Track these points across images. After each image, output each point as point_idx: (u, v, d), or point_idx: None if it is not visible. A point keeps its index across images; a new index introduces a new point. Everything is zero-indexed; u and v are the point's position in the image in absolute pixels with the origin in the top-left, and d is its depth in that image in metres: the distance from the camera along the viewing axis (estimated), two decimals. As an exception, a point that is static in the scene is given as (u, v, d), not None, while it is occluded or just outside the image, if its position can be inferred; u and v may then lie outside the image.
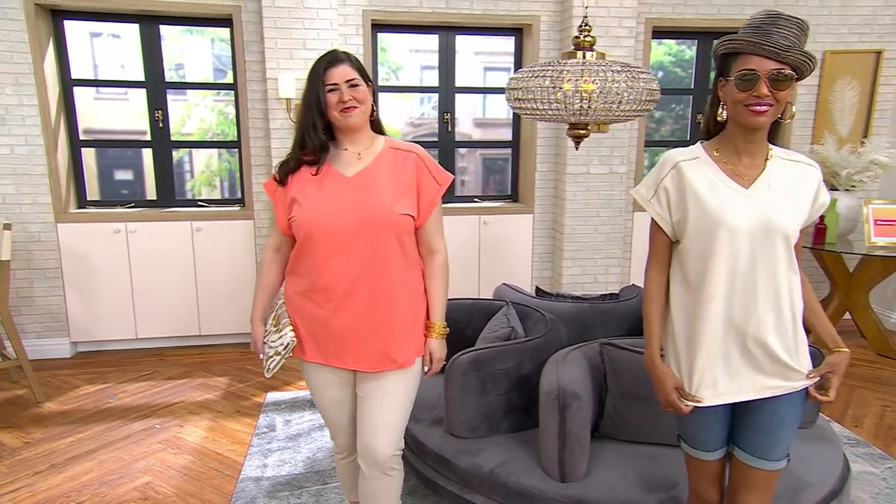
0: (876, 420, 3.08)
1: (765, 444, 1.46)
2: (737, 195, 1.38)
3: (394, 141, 1.72)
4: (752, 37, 1.31)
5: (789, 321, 1.41)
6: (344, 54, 1.62)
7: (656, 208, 1.48)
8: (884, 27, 4.20)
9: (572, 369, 2.03)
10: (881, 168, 3.84)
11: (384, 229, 1.60)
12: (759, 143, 1.39)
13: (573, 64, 2.36)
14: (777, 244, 1.37)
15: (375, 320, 1.64)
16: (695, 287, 1.43)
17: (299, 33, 3.51)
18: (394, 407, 1.73)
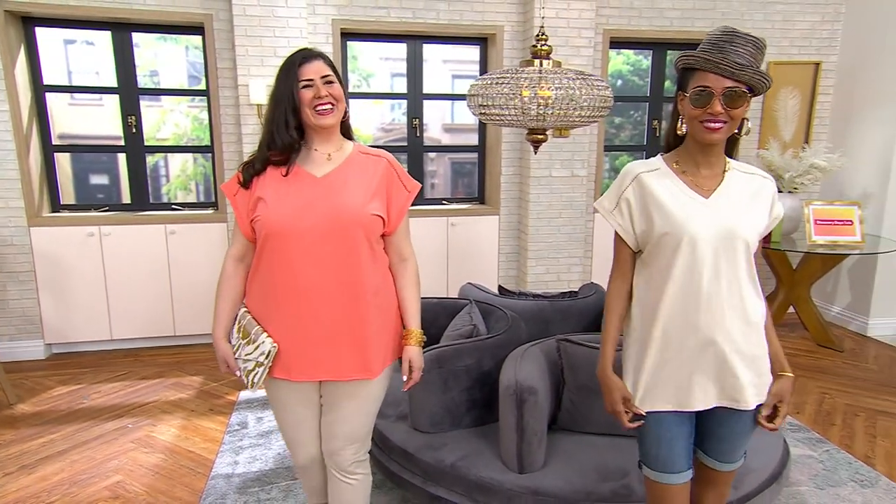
0: (816, 406, 3.33)
1: (727, 450, 1.51)
2: (697, 204, 1.40)
3: (363, 146, 1.69)
4: (708, 54, 1.31)
5: (753, 329, 1.43)
6: (317, 51, 1.58)
7: (618, 220, 1.50)
8: (821, 41, 4.49)
9: (530, 365, 2.17)
10: (820, 171, 4.11)
11: (355, 229, 1.55)
12: (716, 156, 1.42)
13: (531, 71, 2.50)
14: (739, 252, 1.39)
15: (350, 325, 1.58)
16: (658, 295, 1.43)
17: (270, 41, 3.60)
18: (362, 418, 1.71)
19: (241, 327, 1.65)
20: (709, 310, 1.39)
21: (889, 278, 4.34)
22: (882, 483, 2.57)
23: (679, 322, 1.42)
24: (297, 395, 1.67)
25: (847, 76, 4.50)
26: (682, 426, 1.49)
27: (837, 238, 4.04)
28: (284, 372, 1.61)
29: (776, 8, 4.39)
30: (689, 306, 1.41)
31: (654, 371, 1.47)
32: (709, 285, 1.39)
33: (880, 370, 3.81)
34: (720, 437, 1.51)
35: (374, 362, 1.63)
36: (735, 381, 1.43)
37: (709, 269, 1.39)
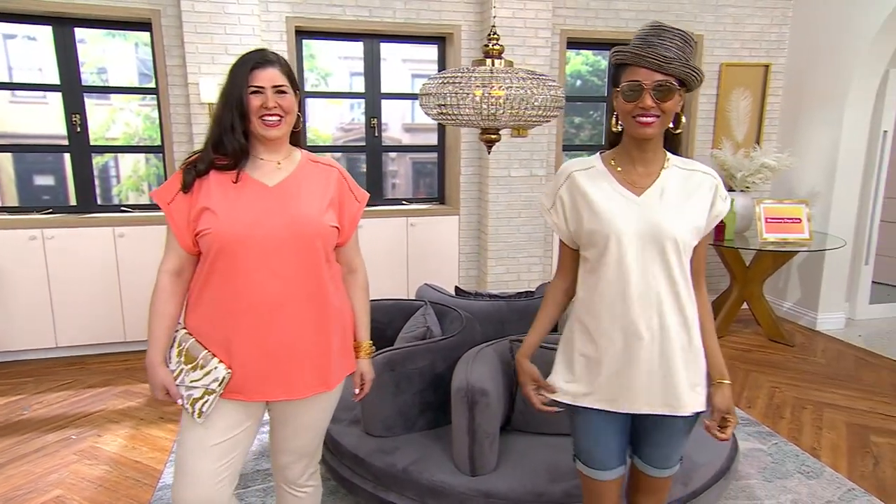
0: (766, 400, 3.40)
1: (662, 456, 1.50)
2: (627, 202, 1.39)
3: (311, 154, 1.61)
4: (637, 49, 1.31)
5: (686, 330, 1.40)
6: (274, 56, 1.47)
7: (554, 218, 1.50)
8: (770, 43, 4.61)
9: (482, 367, 2.16)
10: (770, 171, 4.22)
11: (313, 240, 1.48)
12: (652, 151, 1.40)
13: (482, 71, 2.49)
14: (667, 251, 1.36)
15: (315, 340, 1.52)
16: (590, 293, 1.44)
17: (221, 38, 3.51)
18: (314, 432, 1.65)
19: (182, 351, 1.50)
20: (636, 309, 1.38)
21: (835, 274, 4.49)
22: (826, 474, 2.65)
23: (608, 321, 1.41)
24: (239, 415, 1.52)
25: (795, 78, 4.64)
26: (613, 424, 1.48)
27: (787, 235, 4.15)
28: (239, 393, 1.49)
29: (727, 11, 4.49)
30: (617, 306, 1.40)
31: (584, 369, 1.47)
32: (637, 284, 1.38)
33: (828, 363, 3.93)
34: (654, 441, 1.49)
35: (333, 375, 1.58)
36: (666, 385, 1.40)
37: (636, 267, 1.38)
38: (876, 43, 3.99)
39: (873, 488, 2.55)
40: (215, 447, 1.49)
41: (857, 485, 2.56)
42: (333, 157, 4.64)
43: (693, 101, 4.60)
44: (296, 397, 1.53)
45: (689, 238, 1.39)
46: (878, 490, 2.53)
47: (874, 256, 4.70)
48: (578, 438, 1.54)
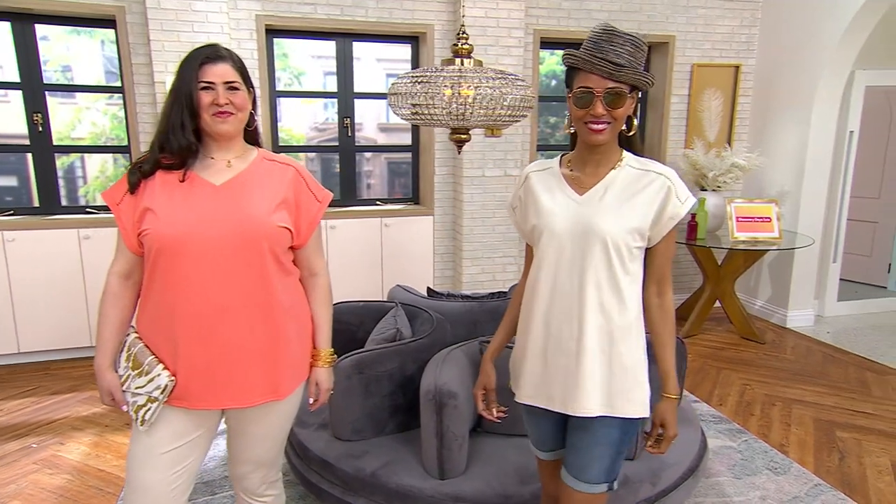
0: (737, 398, 3.44)
1: (578, 463, 1.43)
2: (569, 201, 1.40)
3: (269, 153, 1.56)
4: (588, 54, 1.30)
5: (610, 334, 1.37)
6: (226, 51, 1.43)
7: (516, 217, 1.56)
8: (740, 44, 4.68)
9: (451, 369, 2.14)
10: (740, 170, 4.28)
11: (259, 241, 1.42)
12: (603, 153, 1.40)
13: (451, 70, 2.47)
14: (597, 251, 1.35)
15: (262, 346, 1.46)
16: (529, 291, 1.48)
17: (188, 36, 3.44)
18: (271, 442, 1.60)
19: (131, 356, 1.46)
20: (558, 308, 1.40)
21: (804, 272, 4.56)
22: (794, 469, 2.68)
23: (538, 318, 1.44)
24: (189, 424, 1.47)
25: (764, 79, 4.70)
26: (544, 415, 1.52)
27: (757, 234, 4.21)
28: (183, 400, 1.44)
29: (697, 12, 4.54)
30: (544, 303, 1.43)
31: (519, 364, 1.53)
32: (562, 283, 1.39)
33: (797, 360, 3.99)
34: (572, 445, 1.46)
35: (284, 383, 1.52)
36: (574, 386, 1.39)
37: (565, 266, 1.39)
38: (841, 44, 4.06)
39: (839, 483, 2.59)
40: (164, 456, 1.45)
41: (823, 480, 2.60)
42: (307, 157, 4.60)
43: (665, 101, 4.64)
44: (243, 406, 1.48)
45: (624, 239, 1.35)
46: (843, 485, 2.57)
47: (842, 254, 4.79)
48: (528, 427, 1.63)
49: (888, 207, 5.16)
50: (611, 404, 1.39)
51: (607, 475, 1.43)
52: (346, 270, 4.19)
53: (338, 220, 4.15)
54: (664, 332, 1.44)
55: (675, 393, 1.43)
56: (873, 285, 5.33)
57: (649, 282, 1.45)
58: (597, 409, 1.39)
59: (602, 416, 1.39)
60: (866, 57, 4.37)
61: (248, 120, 1.49)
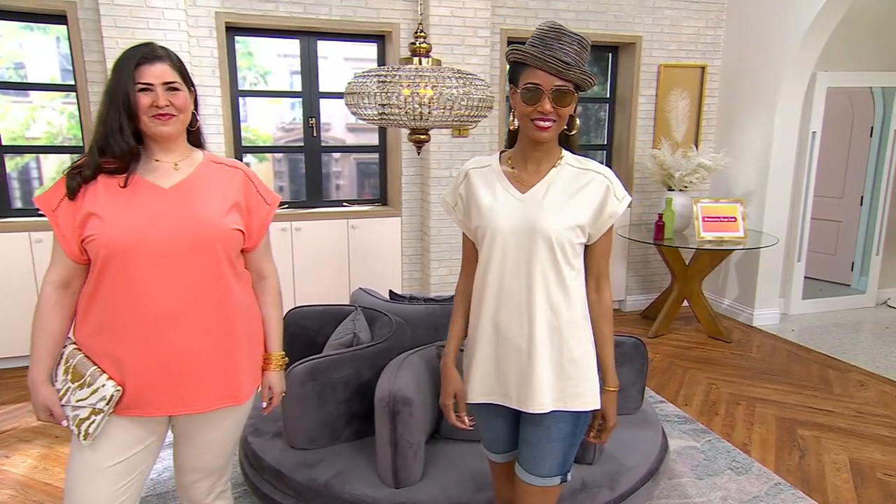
0: (703, 397, 3.45)
1: (530, 457, 1.46)
2: (511, 199, 1.40)
3: (214, 155, 1.54)
4: (537, 51, 1.30)
5: (558, 330, 1.40)
6: (163, 50, 1.39)
7: (458, 215, 1.52)
8: (706, 45, 4.71)
9: (407, 375, 2.10)
10: (706, 170, 4.30)
11: (213, 244, 1.40)
12: (545, 151, 1.41)
13: (408, 70, 2.43)
14: (541, 249, 1.36)
15: (218, 351, 1.44)
16: (476, 290, 1.47)
17: (143, 33, 3.34)
18: (221, 448, 1.57)
19: (69, 368, 1.40)
20: (507, 306, 1.41)
21: (770, 271, 4.61)
22: (755, 469, 2.69)
23: (486, 316, 1.44)
24: (137, 433, 1.43)
25: (730, 79, 4.74)
26: (498, 414, 1.52)
27: (723, 234, 4.24)
28: (135, 409, 1.40)
29: (664, 13, 4.56)
30: (492, 301, 1.43)
31: (472, 363, 1.50)
32: (510, 282, 1.40)
33: (762, 359, 4.02)
34: (525, 440, 1.49)
35: (240, 387, 1.50)
36: (528, 383, 1.41)
37: (511, 264, 1.40)
38: (803, 46, 4.11)
39: (798, 481, 2.60)
40: (110, 470, 1.40)
41: (784, 479, 2.61)
42: (275, 158, 4.51)
43: (633, 101, 4.65)
44: (200, 410, 1.45)
45: (567, 236, 1.38)
46: (802, 483, 2.59)
47: (806, 253, 4.85)
48: (482, 429, 1.60)
49: (851, 207, 5.25)
50: (562, 399, 1.42)
51: (560, 468, 1.47)
52: (312, 273, 4.12)
53: (303, 221, 4.07)
54: (603, 327, 1.48)
55: (614, 386, 1.49)
56: (837, 283, 5.41)
57: (588, 278, 1.48)
58: (549, 405, 1.42)
59: (554, 411, 1.42)
60: (827, 59, 4.43)
61: (190, 120, 1.46)
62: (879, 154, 4.95)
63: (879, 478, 2.64)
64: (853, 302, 5.11)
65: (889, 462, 2.76)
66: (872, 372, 3.78)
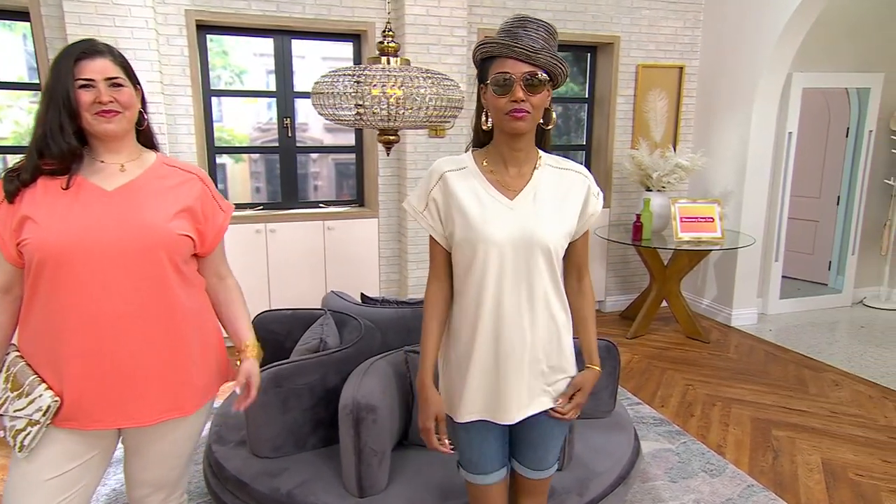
0: (679, 398, 3.44)
1: (537, 457, 1.51)
2: (501, 207, 1.35)
3: (168, 158, 1.49)
4: (504, 39, 1.28)
5: (555, 339, 1.41)
6: (104, 46, 1.34)
7: (429, 220, 1.42)
8: (684, 45, 4.71)
9: (372, 381, 2.05)
10: (684, 170, 4.30)
11: (156, 250, 1.35)
12: (525, 150, 1.36)
13: (375, 69, 2.38)
14: (539, 259, 1.34)
15: (161, 360, 1.38)
16: (464, 302, 1.39)
17: (109, 31, 3.26)
18: (173, 461, 1.52)
19: (10, 376, 1.36)
20: (508, 320, 1.36)
21: (748, 271, 4.62)
22: (728, 471, 2.68)
23: (484, 331, 1.38)
24: (78, 446, 1.38)
25: (708, 80, 4.75)
26: (492, 430, 1.47)
27: (701, 234, 4.24)
28: (73, 421, 1.34)
29: (642, 13, 4.55)
30: (490, 314, 1.37)
31: (462, 380, 1.43)
32: (510, 293, 1.35)
33: (739, 359, 4.03)
34: (530, 443, 1.50)
35: (190, 398, 1.45)
36: (536, 393, 1.42)
37: (509, 275, 1.35)
38: (778, 46, 4.12)
39: (771, 483, 2.59)
40: (49, 483, 1.35)
41: (757, 480, 2.61)
42: (251, 158, 4.44)
43: (611, 101, 4.64)
44: (142, 424, 1.40)
45: (562, 244, 1.39)
46: (775, 485, 2.58)
47: (784, 253, 4.87)
48: (462, 448, 1.51)
49: (828, 207, 5.28)
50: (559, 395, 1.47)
51: (558, 456, 1.56)
52: (287, 276, 4.06)
53: (278, 223, 4.01)
54: (586, 311, 1.51)
55: (598, 365, 1.50)
56: (815, 283, 5.45)
57: (570, 271, 1.50)
58: (550, 403, 1.45)
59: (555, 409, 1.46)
60: (803, 60, 4.45)
61: (137, 119, 1.40)
62: (855, 154, 4.98)
63: (851, 478, 2.64)
64: (830, 301, 5.14)
65: (861, 462, 2.76)
66: (847, 371, 3.80)
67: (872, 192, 5.04)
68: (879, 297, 5.23)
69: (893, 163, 4.97)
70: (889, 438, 2.98)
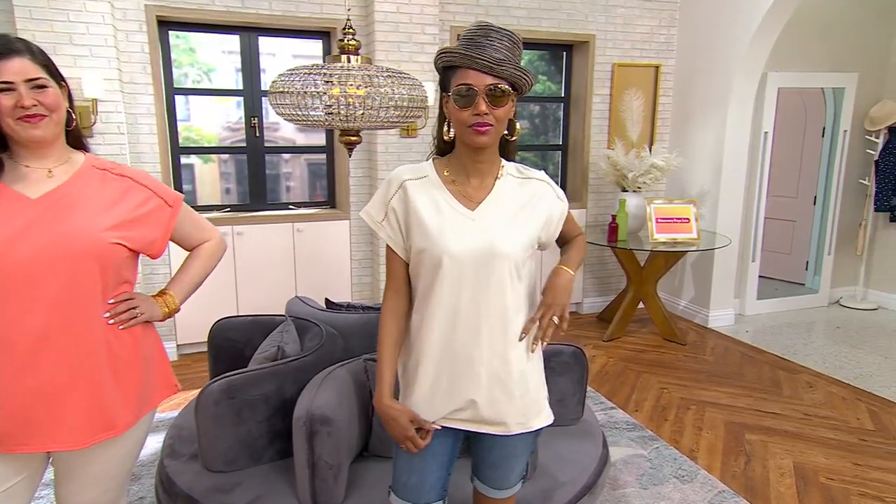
0: (654, 402, 3.40)
1: (499, 477, 1.47)
2: (462, 218, 1.31)
3: (98, 159, 1.40)
4: (465, 49, 1.23)
5: (519, 352, 1.36)
6: (21, 43, 1.24)
7: (388, 231, 1.37)
8: (660, 44, 4.67)
9: (329, 391, 1.97)
10: (659, 171, 4.26)
11: (88, 260, 1.27)
12: (488, 162, 1.33)
13: (335, 68, 2.30)
14: (502, 271, 1.30)
15: (89, 377, 1.30)
16: (423, 314, 1.34)
17: (63, 26, 3.13)
18: (109, 484, 1.44)
19: None
20: (468, 332, 1.32)
21: (725, 271, 4.60)
22: (700, 477, 2.64)
23: (443, 344, 1.33)
24: (5, 471, 1.30)
25: (684, 79, 4.72)
26: (439, 457, 1.41)
27: (677, 235, 4.21)
28: None
29: (617, 11, 4.50)
30: (449, 327, 1.32)
31: (420, 394, 1.38)
32: (468, 306, 1.30)
33: (715, 361, 4.00)
34: (491, 462, 1.46)
35: (122, 416, 1.36)
36: (497, 407, 1.36)
37: (469, 288, 1.30)
38: (753, 45, 4.09)
39: (742, 489, 2.55)
40: None
41: (728, 486, 2.56)
42: (220, 159, 4.32)
43: (587, 101, 4.60)
44: (71, 448, 1.31)
45: (522, 256, 1.34)
46: (746, 490, 2.54)
47: (761, 253, 4.86)
48: (399, 470, 1.44)
49: (805, 207, 5.29)
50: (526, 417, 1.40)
51: (523, 473, 1.52)
52: (256, 280, 3.95)
53: (245, 226, 3.90)
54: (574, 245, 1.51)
55: (572, 269, 1.43)
56: (793, 283, 5.45)
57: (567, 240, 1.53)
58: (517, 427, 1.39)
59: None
60: (778, 59, 4.44)
61: (66, 119, 1.32)
62: (830, 154, 4.99)
63: (822, 482, 2.61)
64: (807, 301, 5.14)
65: (832, 465, 2.74)
66: (821, 373, 3.79)
67: (848, 192, 5.05)
68: (855, 297, 5.25)
69: (868, 163, 4.98)
70: (860, 441, 2.96)
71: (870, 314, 4.98)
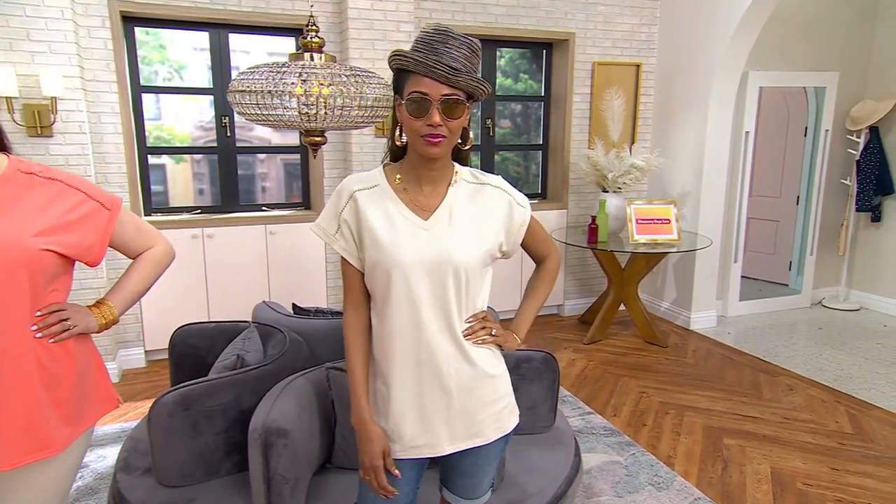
0: (632, 407, 3.34)
1: (472, 485, 1.45)
2: (414, 228, 1.26)
3: (24, 163, 1.31)
4: (421, 55, 1.17)
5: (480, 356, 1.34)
6: None
7: (342, 244, 1.31)
8: (640, 43, 4.62)
9: (287, 402, 1.89)
10: (639, 171, 4.21)
11: (16, 270, 1.20)
12: (440, 169, 1.29)
13: (297, 66, 2.22)
14: (453, 280, 1.26)
15: (18, 394, 1.23)
16: (383, 329, 1.30)
17: (20, 21, 3.02)
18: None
19: None
20: (430, 345, 1.28)
21: (707, 272, 4.56)
22: (676, 484, 2.58)
23: (405, 360, 1.29)
24: None
25: (665, 78, 4.67)
26: (407, 482, 1.38)
27: (657, 236, 4.16)
28: None
29: (597, 9, 4.45)
30: (410, 342, 1.28)
31: (389, 414, 1.33)
32: (429, 318, 1.27)
33: (696, 363, 3.95)
34: (463, 471, 1.43)
35: (56, 435, 1.29)
36: (470, 419, 1.34)
37: (426, 300, 1.26)
38: (733, 44, 4.05)
39: (718, 495, 2.50)
40: None
41: (704, 493, 2.51)
42: (193, 159, 4.22)
43: (567, 100, 4.53)
44: (2, 469, 1.23)
45: (481, 261, 1.30)
46: (722, 496, 2.49)
47: (743, 254, 4.83)
48: (366, 488, 1.39)
49: (788, 207, 5.26)
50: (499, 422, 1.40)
51: (492, 481, 1.50)
52: (227, 285, 3.85)
53: (215, 227, 3.80)
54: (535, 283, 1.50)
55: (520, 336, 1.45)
56: (776, 283, 5.42)
57: (537, 262, 1.51)
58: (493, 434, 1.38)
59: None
60: (759, 58, 4.40)
61: None
62: (812, 154, 4.96)
63: (799, 487, 2.56)
64: (789, 302, 5.12)
65: (809, 470, 2.69)
66: (802, 375, 3.75)
67: (829, 192, 5.03)
68: (837, 297, 5.23)
69: (850, 162, 4.96)
70: (838, 444, 2.92)
71: (852, 314, 4.97)
